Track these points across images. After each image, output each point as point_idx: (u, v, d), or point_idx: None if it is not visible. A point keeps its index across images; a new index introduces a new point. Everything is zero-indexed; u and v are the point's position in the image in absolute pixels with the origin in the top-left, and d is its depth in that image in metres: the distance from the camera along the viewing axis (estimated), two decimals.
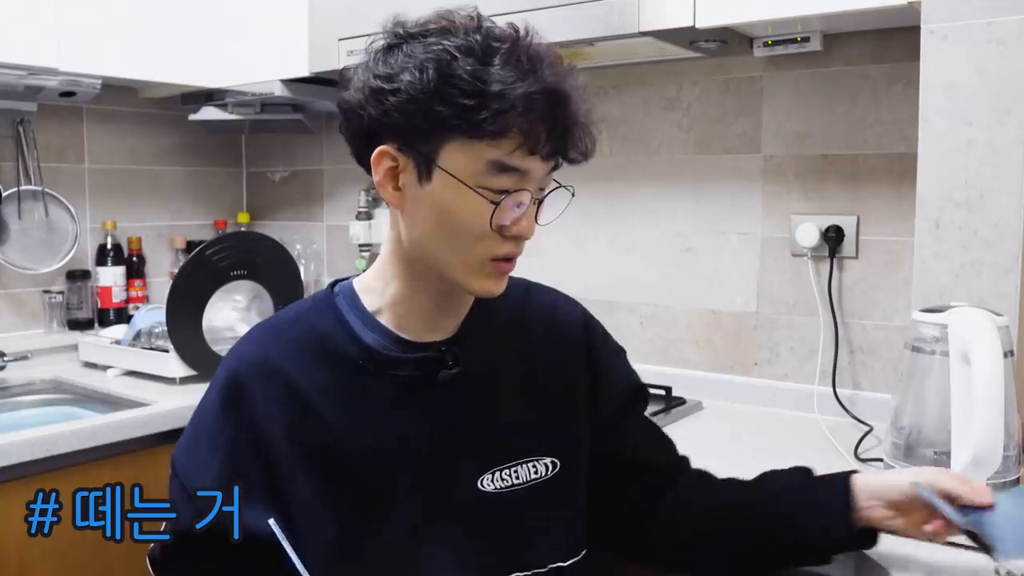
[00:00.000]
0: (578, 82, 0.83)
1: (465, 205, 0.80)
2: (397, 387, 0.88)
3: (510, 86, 0.77)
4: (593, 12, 1.45)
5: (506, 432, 0.92)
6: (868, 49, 1.52)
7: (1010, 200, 1.12)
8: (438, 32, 0.81)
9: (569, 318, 1.02)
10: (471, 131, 0.78)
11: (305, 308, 0.94)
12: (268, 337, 0.91)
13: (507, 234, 0.82)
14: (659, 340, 1.80)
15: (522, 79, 0.78)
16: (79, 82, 1.88)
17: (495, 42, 0.80)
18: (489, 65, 0.78)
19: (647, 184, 1.79)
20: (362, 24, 1.79)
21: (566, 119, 0.81)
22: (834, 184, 1.57)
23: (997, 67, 1.12)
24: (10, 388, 1.83)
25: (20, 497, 1.40)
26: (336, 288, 0.94)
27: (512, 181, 0.80)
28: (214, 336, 1.79)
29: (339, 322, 0.90)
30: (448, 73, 0.78)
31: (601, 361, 1.01)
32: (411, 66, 0.79)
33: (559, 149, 0.82)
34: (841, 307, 1.57)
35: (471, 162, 0.80)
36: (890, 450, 1.05)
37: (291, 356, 0.88)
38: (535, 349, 0.97)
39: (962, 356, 0.96)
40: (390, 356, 0.88)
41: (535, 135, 0.79)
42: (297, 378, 0.86)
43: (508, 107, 0.77)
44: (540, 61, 0.80)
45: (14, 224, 2.00)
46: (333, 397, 0.86)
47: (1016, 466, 1.00)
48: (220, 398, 0.88)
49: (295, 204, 2.48)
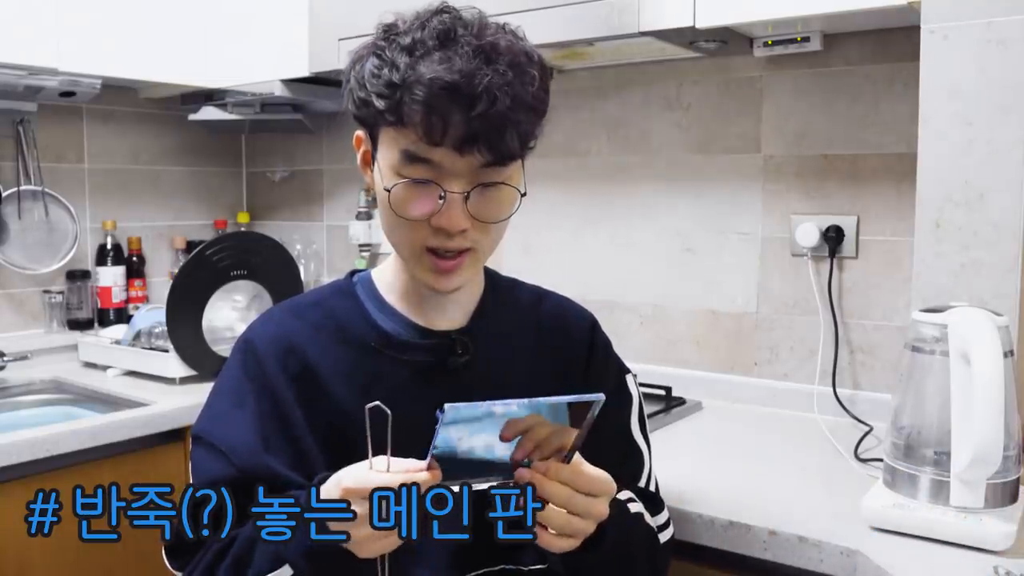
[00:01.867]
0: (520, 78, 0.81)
1: (391, 193, 0.84)
2: (409, 372, 0.91)
3: (413, 75, 0.79)
4: (593, 12, 1.45)
5: None
6: (868, 49, 1.52)
7: (1010, 200, 1.12)
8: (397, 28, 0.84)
9: (579, 324, 1.03)
10: (379, 119, 0.83)
11: (325, 293, 0.97)
12: (287, 316, 0.94)
13: (433, 225, 0.84)
14: (659, 340, 1.80)
15: (416, 66, 0.79)
16: (79, 82, 1.88)
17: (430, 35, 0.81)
18: (411, 56, 0.80)
19: (647, 184, 1.79)
20: (362, 24, 1.76)
21: (465, 110, 0.79)
22: (834, 184, 1.57)
23: (997, 67, 1.12)
24: (10, 388, 1.83)
25: (20, 497, 1.40)
26: (355, 277, 0.98)
27: (426, 172, 0.82)
28: (214, 336, 1.79)
29: (357, 307, 0.94)
30: (376, 63, 0.82)
31: (594, 367, 1.01)
32: (357, 58, 0.85)
33: (470, 144, 0.80)
34: (841, 307, 1.57)
35: (390, 151, 0.84)
36: (890, 450, 1.05)
37: (309, 336, 0.91)
38: (543, 352, 0.98)
39: (962, 356, 0.95)
40: (403, 340, 0.92)
41: (433, 127, 0.79)
42: (312, 356, 0.89)
43: (405, 96, 0.79)
44: (448, 46, 0.80)
45: (14, 224, 2.00)
46: (346, 378, 0.89)
47: (1016, 466, 1.00)
48: (242, 367, 0.90)
49: (295, 204, 2.48)
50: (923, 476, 1.00)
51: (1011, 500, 0.99)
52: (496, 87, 0.79)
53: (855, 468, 1.28)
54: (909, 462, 1.02)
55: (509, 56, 0.82)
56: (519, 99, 0.81)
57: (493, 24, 0.85)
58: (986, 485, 0.96)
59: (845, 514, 1.06)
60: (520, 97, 0.81)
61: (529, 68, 0.83)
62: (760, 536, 1.04)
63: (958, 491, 0.97)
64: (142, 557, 1.55)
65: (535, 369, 0.97)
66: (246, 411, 0.88)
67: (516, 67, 0.82)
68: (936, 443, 1.00)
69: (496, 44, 0.81)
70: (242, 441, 0.86)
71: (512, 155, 0.83)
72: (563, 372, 0.99)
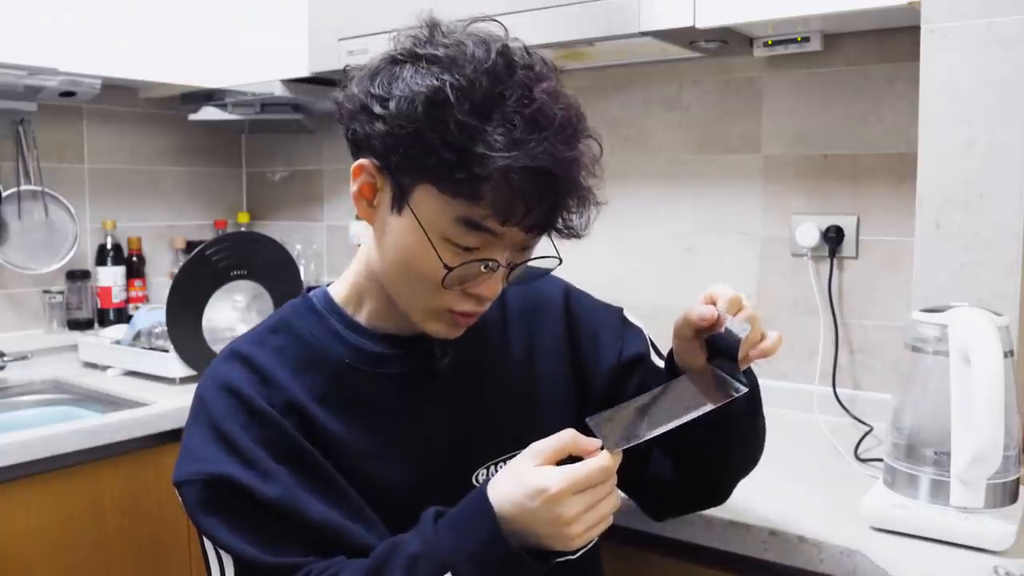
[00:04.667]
0: (584, 150, 0.76)
1: (426, 254, 0.76)
2: (390, 386, 0.86)
3: (496, 152, 0.70)
4: (593, 12, 1.45)
5: (499, 425, 0.91)
6: (868, 49, 1.52)
7: (1010, 200, 1.12)
8: (447, 61, 0.74)
9: (550, 296, 0.99)
10: (445, 185, 0.73)
11: (285, 315, 0.89)
12: (251, 350, 0.85)
13: (469, 291, 0.79)
14: (659, 340, 1.78)
15: (511, 148, 0.70)
16: (79, 82, 1.88)
17: (502, 89, 0.72)
18: (484, 119, 0.71)
19: (647, 184, 1.79)
20: (362, 24, 1.79)
21: (553, 197, 0.73)
22: (834, 184, 1.57)
23: (997, 67, 1.12)
24: (10, 388, 1.83)
25: (20, 497, 1.41)
26: (311, 293, 0.91)
27: (482, 241, 0.76)
28: (214, 336, 1.78)
29: (323, 326, 0.87)
30: (437, 116, 0.72)
31: (583, 322, 0.99)
32: (404, 94, 0.73)
33: (543, 223, 0.76)
34: (841, 307, 1.57)
35: (441, 212, 0.75)
36: (890, 450, 1.05)
37: (280, 366, 0.83)
38: (520, 335, 0.95)
39: (962, 356, 0.95)
40: (377, 353, 0.86)
41: (512, 209, 0.73)
42: (289, 386, 0.82)
43: (486, 175, 0.71)
44: (543, 126, 0.72)
45: (14, 224, 1.99)
46: (327, 404, 0.83)
47: (1016, 466, 1.00)
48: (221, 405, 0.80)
49: (295, 204, 2.48)
50: (923, 476, 1.00)
51: (1011, 500, 0.99)
52: (577, 164, 0.74)
53: (855, 468, 1.28)
54: (909, 462, 1.02)
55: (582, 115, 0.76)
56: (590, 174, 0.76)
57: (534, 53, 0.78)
58: (986, 485, 0.96)
59: (845, 514, 1.06)
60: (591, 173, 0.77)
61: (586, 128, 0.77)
62: (760, 536, 1.04)
63: (958, 491, 0.96)
64: (142, 557, 1.55)
65: (515, 358, 0.94)
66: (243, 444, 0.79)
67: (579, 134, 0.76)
68: (936, 443, 1.00)
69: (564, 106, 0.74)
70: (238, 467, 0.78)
71: (583, 232, 0.78)
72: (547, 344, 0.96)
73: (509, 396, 0.93)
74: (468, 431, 0.89)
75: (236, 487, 0.77)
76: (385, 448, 0.85)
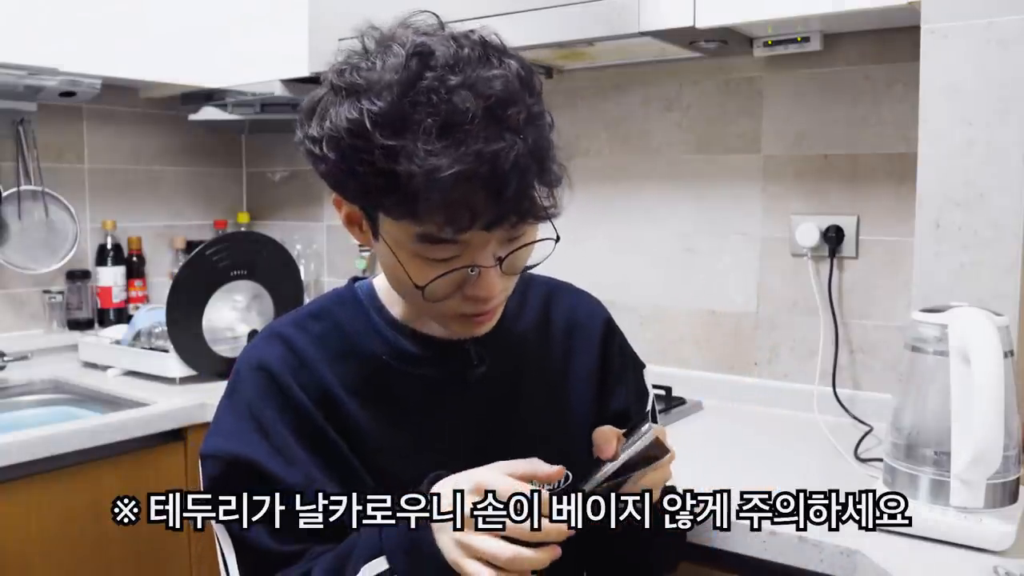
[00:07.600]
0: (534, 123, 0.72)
1: (411, 270, 0.76)
2: (422, 387, 0.87)
3: (418, 167, 0.67)
4: (593, 12, 1.45)
5: (527, 438, 0.90)
6: (868, 49, 1.52)
7: (1010, 200, 1.12)
8: (364, 86, 0.71)
9: (591, 321, 0.99)
10: (389, 210, 0.73)
11: (327, 303, 0.91)
12: (292, 332, 0.87)
13: (467, 295, 0.78)
14: (659, 340, 1.80)
15: (431, 157, 0.67)
16: (79, 82, 1.88)
17: (413, 97, 0.69)
18: (400, 136, 0.68)
19: (647, 184, 1.79)
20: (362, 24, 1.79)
21: (496, 193, 0.69)
22: (834, 184, 1.57)
23: (997, 67, 1.12)
24: (10, 388, 1.83)
25: (20, 497, 1.41)
26: (356, 284, 0.93)
27: (453, 250, 0.74)
28: (214, 336, 1.79)
29: (363, 318, 0.88)
30: (361, 147, 0.70)
31: (611, 368, 0.99)
32: (331, 133, 0.72)
33: (502, 217, 0.72)
34: (841, 307, 1.57)
35: (403, 232, 0.74)
36: (890, 450, 1.05)
37: (318, 352, 0.85)
38: (558, 353, 0.96)
39: (962, 356, 0.95)
40: (415, 354, 0.87)
41: (458, 216, 0.70)
42: (324, 374, 0.84)
43: (415, 192, 0.68)
44: (460, 124, 0.68)
45: (14, 224, 1.99)
46: (359, 396, 0.84)
47: (1016, 466, 1.00)
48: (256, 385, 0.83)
49: (295, 204, 2.48)
50: (923, 476, 1.00)
51: (1011, 500, 0.99)
52: (521, 156, 0.69)
53: (855, 468, 1.28)
54: (909, 462, 1.02)
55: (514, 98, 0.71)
56: (541, 151, 0.72)
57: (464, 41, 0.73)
58: (986, 485, 0.96)
59: None
60: (542, 149, 0.72)
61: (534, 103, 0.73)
62: (760, 536, 1.04)
63: (958, 491, 0.97)
64: (142, 557, 1.55)
65: (550, 375, 0.94)
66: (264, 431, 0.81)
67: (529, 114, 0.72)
68: (936, 443, 1.00)
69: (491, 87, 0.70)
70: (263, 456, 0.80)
71: (545, 212, 0.75)
72: (579, 373, 0.96)
73: (539, 410, 0.93)
74: (495, 440, 0.89)
75: (259, 472, 0.79)
76: (410, 446, 0.85)
